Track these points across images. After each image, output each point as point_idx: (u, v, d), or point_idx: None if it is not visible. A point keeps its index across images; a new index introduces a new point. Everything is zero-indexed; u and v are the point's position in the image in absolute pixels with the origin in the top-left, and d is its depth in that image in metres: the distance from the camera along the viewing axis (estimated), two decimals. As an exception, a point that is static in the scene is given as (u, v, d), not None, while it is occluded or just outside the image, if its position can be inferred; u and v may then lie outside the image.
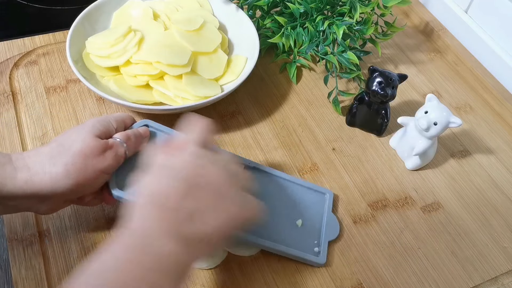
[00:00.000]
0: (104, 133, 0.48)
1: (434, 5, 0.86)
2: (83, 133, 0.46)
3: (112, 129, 0.49)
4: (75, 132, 0.47)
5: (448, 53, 0.79)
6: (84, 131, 0.46)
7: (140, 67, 0.63)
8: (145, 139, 0.52)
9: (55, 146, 0.45)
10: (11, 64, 0.69)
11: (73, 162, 0.44)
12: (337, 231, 0.56)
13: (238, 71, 0.67)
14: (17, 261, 0.50)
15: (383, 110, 0.63)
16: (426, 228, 0.58)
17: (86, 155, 0.45)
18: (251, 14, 0.72)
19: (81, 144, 0.45)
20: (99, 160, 0.45)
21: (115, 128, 0.49)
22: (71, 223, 0.54)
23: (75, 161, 0.44)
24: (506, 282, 0.55)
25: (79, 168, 0.44)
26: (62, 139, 0.46)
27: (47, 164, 0.44)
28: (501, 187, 0.63)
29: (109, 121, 0.49)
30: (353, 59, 0.66)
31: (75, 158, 0.44)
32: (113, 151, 0.47)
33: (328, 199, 0.58)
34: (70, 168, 0.44)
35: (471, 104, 0.73)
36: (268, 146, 0.64)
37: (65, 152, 0.45)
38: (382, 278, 0.53)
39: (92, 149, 0.45)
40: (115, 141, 0.48)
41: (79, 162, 0.44)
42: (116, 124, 0.50)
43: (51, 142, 0.46)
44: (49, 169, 0.44)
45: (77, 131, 0.47)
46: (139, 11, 0.70)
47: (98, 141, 0.46)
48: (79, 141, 0.45)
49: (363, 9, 0.65)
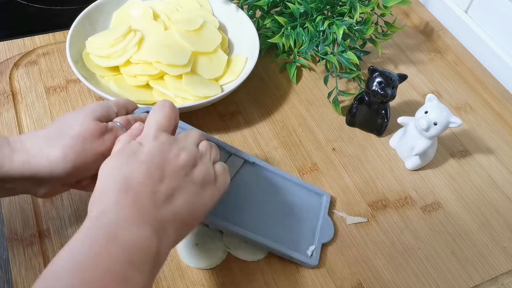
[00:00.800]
0: (105, 116, 0.47)
1: (434, 5, 0.86)
2: (83, 116, 0.45)
3: (113, 113, 0.48)
4: (74, 115, 0.46)
5: (448, 53, 0.79)
6: (83, 114, 0.46)
7: (140, 67, 0.63)
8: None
9: (53, 129, 0.45)
10: (11, 64, 0.69)
11: (71, 144, 0.43)
12: (332, 234, 0.55)
13: (238, 71, 0.67)
14: (17, 261, 0.50)
15: (383, 110, 0.63)
16: (426, 228, 0.58)
17: (85, 138, 0.44)
18: (251, 14, 0.72)
19: (80, 127, 0.44)
20: (98, 143, 0.45)
21: (116, 112, 0.49)
22: (71, 223, 0.54)
23: (74, 143, 0.44)
24: (506, 282, 0.55)
25: (77, 151, 0.44)
26: (61, 121, 0.46)
27: (45, 146, 0.43)
28: (501, 187, 0.63)
29: (109, 105, 0.49)
30: (353, 59, 0.66)
31: (74, 140, 0.44)
32: (113, 134, 0.46)
33: (325, 201, 0.58)
34: (68, 151, 0.43)
35: (471, 104, 0.73)
36: (268, 146, 0.64)
37: (64, 134, 0.44)
38: (382, 278, 0.53)
39: (91, 132, 0.44)
40: (114, 125, 0.47)
41: (77, 145, 0.44)
42: (117, 108, 0.49)
43: (50, 125, 0.46)
44: (47, 152, 0.43)
45: (76, 114, 0.46)
46: (139, 11, 0.70)
47: (98, 124, 0.45)
48: (78, 124, 0.45)
49: (363, 9, 0.65)
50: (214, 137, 0.56)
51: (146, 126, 0.44)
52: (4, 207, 0.54)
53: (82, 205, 0.55)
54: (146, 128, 0.44)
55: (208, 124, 0.65)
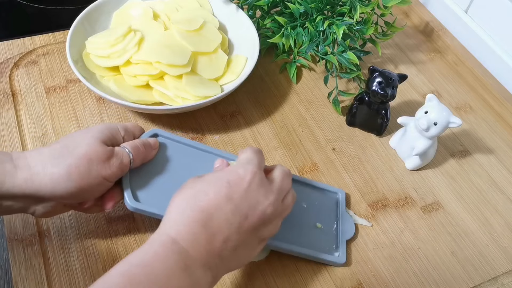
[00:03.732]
0: (111, 139, 0.47)
1: (434, 5, 0.86)
2: (89, 137, 0.45)
3: (120, 137, 0.48)
4: (81, 135, 0.46)
5: (448, 53, 0.79)
6: (90, 135, 0.45)
7: (140, 67, 0.63)
8: (154, 150, 0.51)
9: (59, 147, 0.44)
10: (11, 64, 0.69)
11: (76, 164, 0.43)
12: (353, 229, 0.56)
13: (238, 71, 0.67)
14: (17, 261, 0.50)
15: (383, 110, 0.63)
16: (426, 228, 0.58)
17: (91, 160, 0.44)
18: (251, 14, 0.72)
19: (87, 147, 0.44)
20: (103, 166, 0.44)
21: (123, 137, 0.49)
22: (71, 223, 0.54)
23: (79, 163, 0.43)
24: (506, 282, 0.55)
25: (82, 171, 0.43)
26: (67, 141, 0.45)
27: (49, 164, 0.43)
28: (501, 187, 0.63)
29: (117, 128, 0.49)
30: (353, 59, 0.66)
31: (80, 160, 0.43)
32: (119, 159, 0.46)
33: (341, 197, 0.58)
34: (73, 171, 0.43)
35: (471, 104, 0.73)
36: (268, 146, 0.64)
37: (69, 154, 0.44)
38: (382, 278, 0.53)
39: (97, 154, 0.44)
40: (121, 149, 0.47)
41: (82, 165, 0.43)
42: (124, 133, 0.49)
43: (55, 143, 0.45)
44: (50, 170, 0.43)
45: (83, 134, 0.46)
46: (139, 11, 0.70)
47: (104, 147, 0.45)
48: (84, 145, 0.44)
49: (363, 9, 0.65)
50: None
51: (244, 165, 0.45)
52: (4, 207, 0.54)
53: (82, 205, 0.55)
54: (243, 166, 0.44)
55: (208, 124, 0.65)
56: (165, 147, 0.53)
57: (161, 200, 0.48)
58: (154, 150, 0.51)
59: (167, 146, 0.53)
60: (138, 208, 0.47)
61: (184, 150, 0.54)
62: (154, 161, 0.51)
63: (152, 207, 0.48)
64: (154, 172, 0.50)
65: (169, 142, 0.53)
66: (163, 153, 0.52)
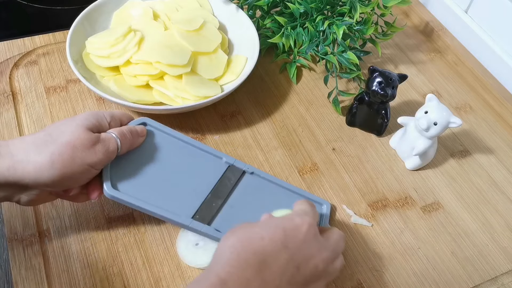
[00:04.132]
0: (97, 126, 0.46)
1: (434, 5, 0.86)
2: (74, 125, 0.45)
3: (106, 123, 0.48)
4: (65, 123, 0.45)
5: (448, 53, 0.79)
6: (75, 123, 0.45)
7: (140, 67, 0.63)
8: (141, 137, 0.51)
9: (42, 135, 0.44)
10: (11, 64, 0.69)
11: (60, 152, 0.42)
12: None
13: (238, 71, 0.67)
14: (17, 261, 0.50)
15: (383, 110, 0.63)
16: (426, 228, 0.58)
17: (75, 147, 0.43)
18: (251, 14, 0.72)
19: (70, 135, 0.44)
20: (88, 153, 0.44)
21: (109, 123, 0.48)
22: (71, 223, 0.54)
23: (62, 151, 0.43)
24: (506, 282, 0.55)
25: (65, 159, 0.43)
26: (51, 129, 0.45)
27: (32, 152, 0.42)
28: (501, 187, 0.63)
29: (103, 115, 0.48)
30: (353, 59, 0.66)
31: (63, 148, 0.43)
32: (104, 145, 0.45)
33: (325, 209, 0.57)
34: (56, 158, 0.42)
35: (471, 104, 0.73)
36: (268, 146, 0.64)
37: (53, 141, 0.43)
38: (382, 278, 0.53)
39: (81, 141, 0.44)
40: (107, 135, 0.46)
41: (66, 153, 0.43)
42: (110, 119, 0.48)
43: (39, 131, 0.45)
44: (33, 158, 0.42)
45: (67, 122, 0.45)
46: (139, 11, 0.70)
47: (89, 134, 0.45)
48: (68, 132, 0.44)
49: (363, 9, 0.65)
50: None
51: (300, 215, 0.43)
52: (4, 207, 0.54)
53: (82, 205, 0.55)
54: (299, 216, 0.43)
55: (208, 124, 0.65)
56: (152, 137, 0.52)
57: (140, 191, 0.48)
58: (141, 138, 0.50)
59: (155, 136, 0.52)
60: (115, 197, 0.47)
61: (172, 142, 0.53)
62: (139, 150, 0.50)
63: (130, 197, 0.47)
64: (138, 161, 0.50)
65: (157, 132, 0.53)
66: (149, 143, 0.52)
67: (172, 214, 0.49)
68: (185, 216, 0.49)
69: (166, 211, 0.49)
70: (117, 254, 0.52)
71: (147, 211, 0.48)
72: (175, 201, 0.50)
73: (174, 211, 0.49)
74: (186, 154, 0.53)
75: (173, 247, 0.53)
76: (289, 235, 0.41)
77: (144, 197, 0.48)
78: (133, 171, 0.49)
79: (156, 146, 0.52)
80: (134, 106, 0.59)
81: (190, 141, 0.54)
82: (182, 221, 0.49)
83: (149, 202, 0.48)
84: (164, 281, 0.50)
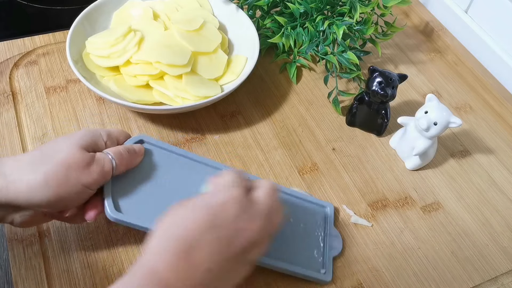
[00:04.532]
0: (92, 146, 0.45)
1: (434, 5, 0.86)
2: (69, 143, 0.43)
3: (102, 143, 0.47)
4: (60, 141, 0.44)
5: (448, 53, 0.79)
6: (70, 142, 0.44)
7: (140, 67, 0.63)
8: (139, 156, 0.49)
9: (37, 154, 0.43)
10: (11, 64, 0.69)
11: (54, 171, 0.41)
12: (340, 246, 0.54)
13: (238, 71, 0.67)
14: (17, 261, 0.50)
15: (383, 110, 0.63)
16: (426, 228, 0.58)
17: (70, 166, 0.42)
18: (251, 14, 0.72)
19: (65, 154, 0.42)
20: (83, 173, 0.43)
21: (105, 142, 0.47)
22: (71, 223, 0.54)
23: (57, 170, 0.41)
24: (506, 282, 0.55)
25: (60, 178, 0.41)
26: (46, 147, 0.44)
27: (26, 171, 0.41)
28: (501, 187, 0.63)
29: (99, 134, 0.47)
30: (353, 59, 0.66)
31: (57, 167, 0.41)
32: (99, 165, 0.44)
33: (329, 212, 0.56)
34: (50, 177, 0.41)
35: (471, 104, 0.73)
36: (268, 146, 0.64)
37: (47, 160, 0.42)
38: (382, 278, 0.53)
39: (76, 161, 0.42)
40: (102, 155, 0.45)
41: (60, 172, 0.41)
42: (106, 138, 0.47)
43: (33, 150, 0.44)
44: (27, 177, 0.41)
45: (62, 140, 0.44)
46: (139, 11, 0.70)
47: (84, 153, 0.43)
48: (63, 151, 0.43)
49: (363, 9, 0.65)
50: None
51: (225, 188, 0.41)
52: (4, 207, 0.54)
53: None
54: (223, 191, 0.41)
55: (208, 124, 0.65)
56: (151, 155, 0.50)
57: (144, 211, 0.46)
58: (139, 157, 0.49)
59: (153, 153, 0.51)
60: (119, 219, 0.45)
61: (171, 158, 0.51)
62: (139, 169, 0.49)
63: (134, 218, 0.46)
64: (138, 181, 0.48)
65: (155, 149, 0.51)
66: (149, 161, 0.50)
67: None
68: None
69: None
70: (117, 254, 0.52)
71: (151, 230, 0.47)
72: None
73: None
74: (186, 168, 0.52)
75: (173, 247, 0.53)
76: (215, 213, 0.39)
77: (146, 216, 0.46)
78: (133, 190, 0.48)
79: (155, 164, 0.50)
80: (134, 106, 0.59)
81: (189, 155, 0.52)
82: None
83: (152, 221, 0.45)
84: (164, 281, 0.50)
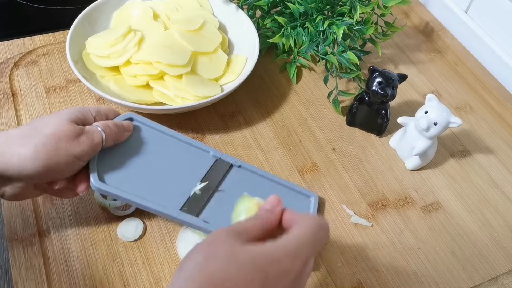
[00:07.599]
0: (81, 119, 0.47)
1: (434, 5, 0.86)
2: (58, 117, 0.45)
3: (91, 117, 0.48)
4: (50, 116, 0.46)
5: (448, 53, 0.79)
6: (59, 116, 0.45)
7: (140, 67, 0.63)
8: (128, 132, 0.51)
9: (26, 128, 0.44)
10: (11, 64, 0.69)
11: (44, 143, 0.43)
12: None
13: (238, 71, 0.67)
14: (17, 261, 0.50)
15: (383, 110, 0.63)
16: (426, 228, 0.58)
17: (59, 138, 0.43)
18: (251, 14, 0.72)
19: (55, 127, 0.44)
20: (72, 144, 0.44)
21: (94, 117, 0.49)
22: (71, 223, 0.54)
23: (46, 142, 0.43)
24: (506, 282, 0.55)
25: (49, 150, 0.43)
26: (36, 122, 0.45)
27: (16, 144, 0.43)
28: (501, 187, 0.63)
29: (88, 110, 0.48)
30: (353, 59, 0.66)
31: (47, 139, 0.43)
32: (89, 137, 0.46)
33: (313, 202, 0.57)
34: (40, 150, 0.42)
35: (471, 104, 0.73)
36: (268, 146, 0.64)
37: (37, 133, 0.43)
38: (382, 278, 0.53)
39: (65, 133, 0.44)
40: (92, 128, 0.47)
41: (50, 144, 0.43)
42: (95, 113, 0.49)
43: (24, 125, 0.45)
44: (17, 150, 0.42)
45: (52, 115, 0.46)
46: (139, 11, 0.70)
47: (73, 125, 0.45)
48: (52, 124, 0.44)
49: (363, 9, 0.65)
50: (217, 151, 0.55)
51: (294, 255, 0.34)
52: (4, 207, 0.54)
53: (82, 205, 0.55)
54: (292, 255, 0.34)
55: (208, 124, 0.65)
56: (139, 132, 0.52)
57: (128, 184, 0.48)
58: (128, 132, 0.51)
59: (142, 131, 0.53)
60: (102, 189, 0.47)
61: (159, 137, 0.53)
62: (126, 145, 0.51)
63: (117, 189, 0.47)
64: (125, 156, 0.50)
65: (144, 127, 0.53)
66: (136, 138, 0.52)
67: (160, 206, 0.48)
68: (173, 208, 0.49)
69: (154, 203, 0.48)
70: (117, 254, 0.52)
71: (135, 203, 0.48)
72: (163, 193, 0.50)
73: (162, 203, 0.49)
74: (173, 148, 0.54)
75: (173, 247, 0.53)
76: (269, 283, 0.32)
77: (131, 190, 0.48)
78: (120, 165, 0.50)
79: (143, 141, 0.52)
80: (134, 106, 0.59)
81: (177, 135, 0.54)
82: (170, 212, 0.48)
83: (136, 194, 0.48)
84: (164, 281, 0.50)
